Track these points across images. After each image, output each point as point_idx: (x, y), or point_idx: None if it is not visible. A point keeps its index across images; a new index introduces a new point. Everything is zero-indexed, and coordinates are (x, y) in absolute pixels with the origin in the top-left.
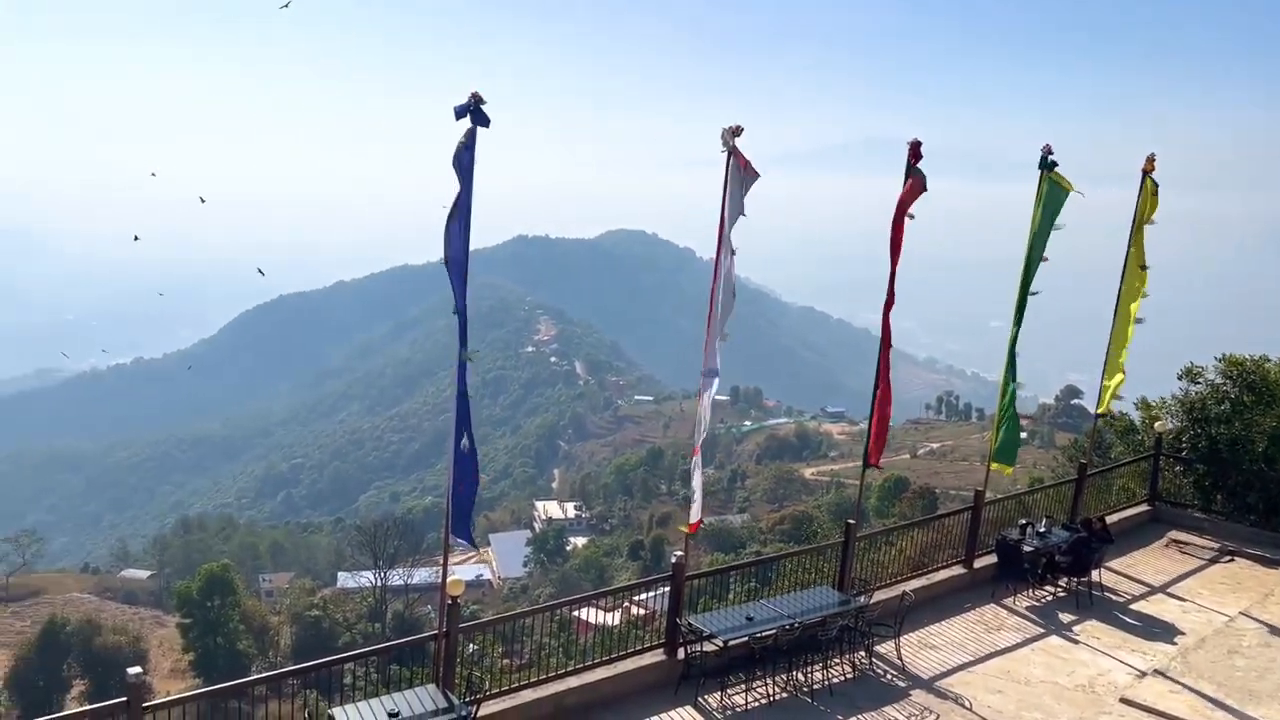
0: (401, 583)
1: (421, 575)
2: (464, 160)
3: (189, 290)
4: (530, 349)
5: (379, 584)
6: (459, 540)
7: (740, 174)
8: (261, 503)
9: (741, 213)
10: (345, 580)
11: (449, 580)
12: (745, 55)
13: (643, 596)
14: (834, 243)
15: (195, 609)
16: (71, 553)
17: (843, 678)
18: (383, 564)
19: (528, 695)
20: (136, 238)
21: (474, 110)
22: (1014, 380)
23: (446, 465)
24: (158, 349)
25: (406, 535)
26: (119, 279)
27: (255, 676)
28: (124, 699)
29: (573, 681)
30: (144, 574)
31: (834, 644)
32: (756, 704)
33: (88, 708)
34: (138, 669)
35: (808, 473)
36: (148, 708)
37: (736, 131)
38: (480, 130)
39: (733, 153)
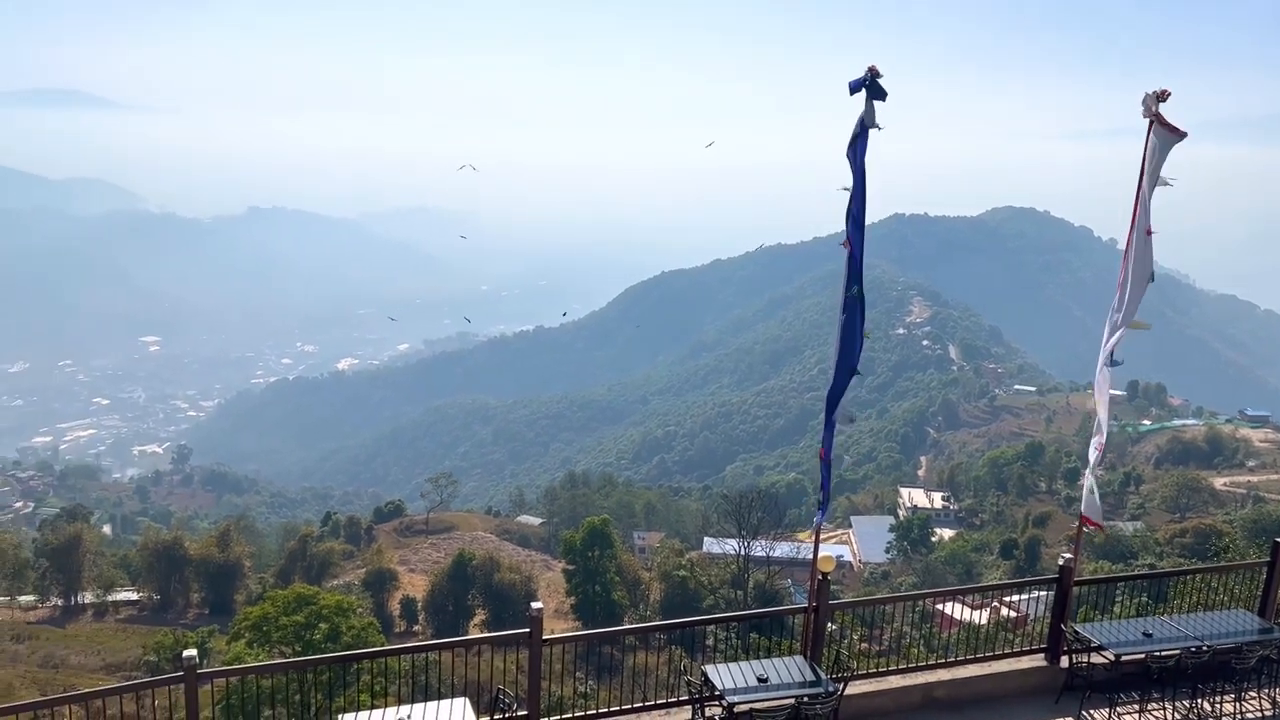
0: (763, 554)
1: (782, 549)
2: (859, 140)
3: (583, 266)
4: (901, 331)
5: (742, 552)
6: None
7: (1165, 137)
8: (638, 465)
9: (1165, 183)
10: (710, 545)
11: (821, 557)
12: (1151, 13)
13: (1016, 598)
14: (1262, 220)
15: (578, 557)
16: (479, 495)
17: (1259, 714)
18: (746, 534)
19: (895, 681)
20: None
21: (870, 84)
22: None
23: (824, 442)
24: (554, 319)
25: (769, 508)
26: (526, 255)
27: (633, 625)
28: (526, 630)
29: (943, 674)
30: (536, 520)
31: (1251, 676)
32: None
33: (498, 634)
34: (539, 605)
35: (1218, 482)
36: (545, 640)
37: (1162, 97)
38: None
39: (1155, 121)
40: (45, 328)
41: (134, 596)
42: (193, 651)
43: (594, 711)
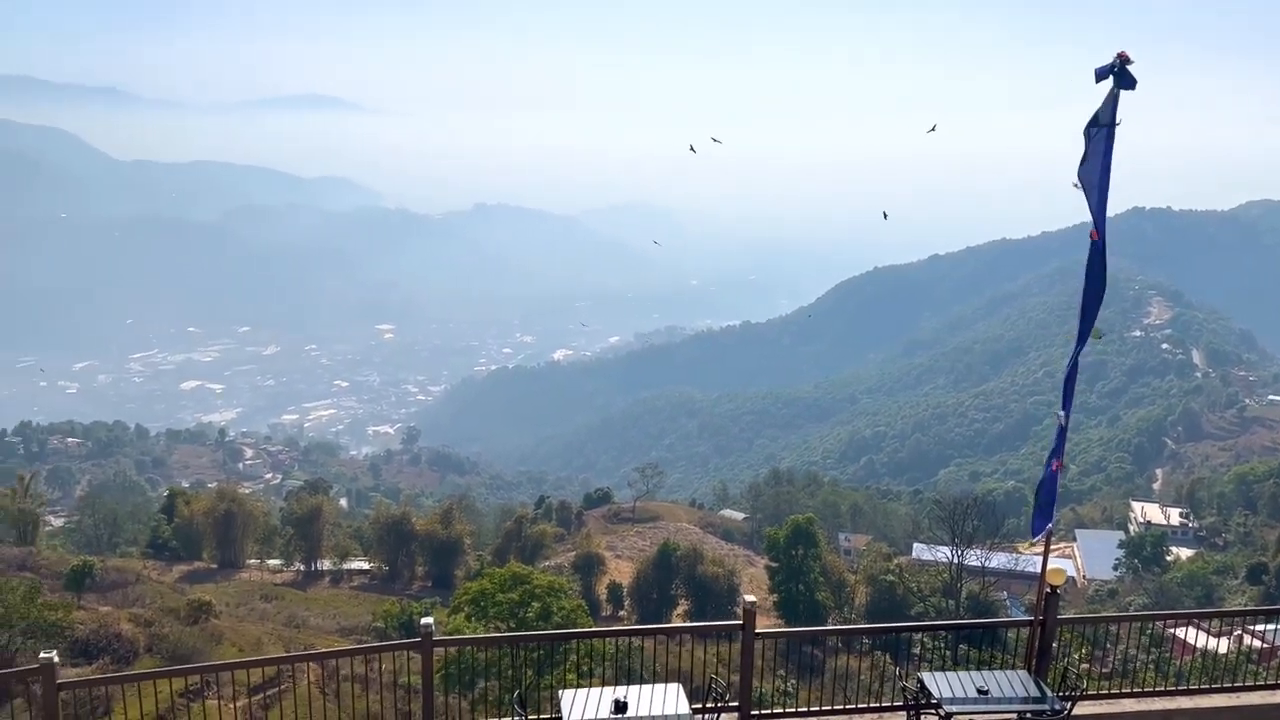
0: (978, 563)
1: (999, 560)
2: (1101, 132)
3: (792, 261)
4: (1138, 333)
5: (954, 560)
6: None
7: None
8: (845, 465)
9: None
10: (920, 551)
11: (1050, 569)
12: None
13: (1265, 628)
14: None
15: (781, 555)
16: (683, 487)
17: None
18: (959, 541)
19: (1129, 705)
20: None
21: (1118, 71)
22: None
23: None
24: (761, 314)
25: (986, 516)
26: (733, 249)
27: (843, 626)
28: (739, 622)
29: (1184, 702)
30: (739, 515)
31: None
32: None
33: (711, 624)
34: (752, 598)
35: None
36: (758, 634)
37: None
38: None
39: None
40: (295, 315)
41: (365, 566)
42: (429, 620)
43: (806, 709)
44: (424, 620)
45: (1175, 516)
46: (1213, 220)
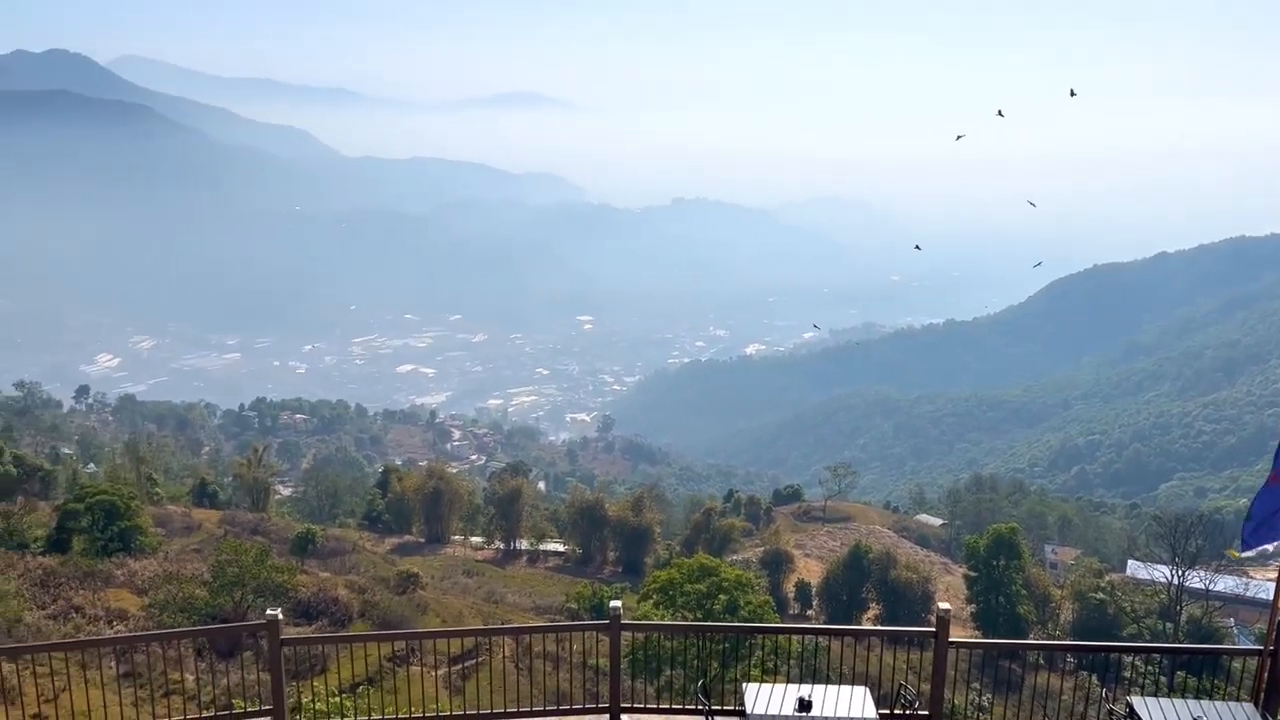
0: (1201, 586)
1: (1226, 583)
2: None
3: (1001, 257)
4: None
5: (1174, 581)
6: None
7: None
8: (1053, 474)
9: None
10: (1136, 569)
11: None
12: None
13: None
14: None
15: (981, 564)
16: (876, 489)
17: None
18: (1180, 561)
19: None
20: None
21: None
22: None
23: None
24: (968, 312)
25: (1212, 536)
26: (938, 245)
27: (1046, 642)
28: (932, 630)
29: None
30: (936, 521)
31: None
32: None
33: (901, 629)
34: (947, 605)
35: None
36: (951, 642)
37: None
38: None
39: None
40: (503, 305)
41: (560, 548)
42: (618, 603)
43: None
44: (612, 603)
45: None
46: None
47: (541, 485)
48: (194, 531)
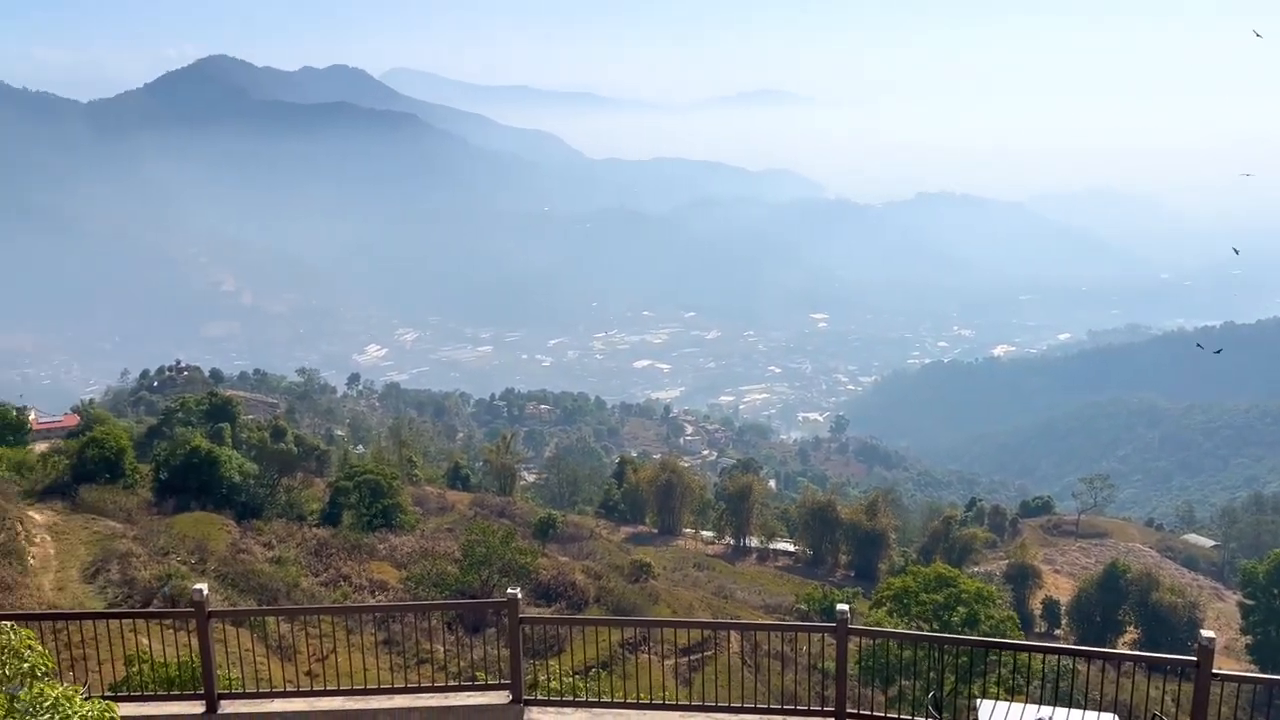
0: None
1: None
2: None
3: None
4: None
5: None
6: None
7: None
8: None
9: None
10: None
11: None
12: None
13: None
14: None
15: (1260, 592)
16: (1137, 504)
17: None
18: None
19: None
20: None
21: None
22: None
23: None
24: (1251, 314)
25: None
26: (1214, 239)
27: None
28: (1194, 659)
29: None
30: (1207, 542)
31: None
32: None
33: (1156, 655)
34: (1212, 634)
35: None
36: (1215, 675)
37: None
38: None
39: None
40: (736, 302)
41: (790, 548)
42: (845, 606)
43: None
44: (839, 607)
45: None
46: None
47: (772, 484)
48: (447, 512)
